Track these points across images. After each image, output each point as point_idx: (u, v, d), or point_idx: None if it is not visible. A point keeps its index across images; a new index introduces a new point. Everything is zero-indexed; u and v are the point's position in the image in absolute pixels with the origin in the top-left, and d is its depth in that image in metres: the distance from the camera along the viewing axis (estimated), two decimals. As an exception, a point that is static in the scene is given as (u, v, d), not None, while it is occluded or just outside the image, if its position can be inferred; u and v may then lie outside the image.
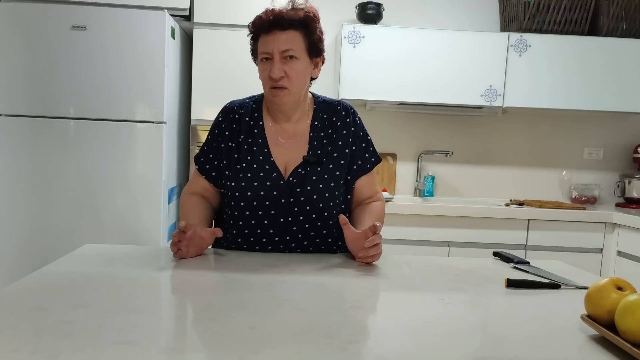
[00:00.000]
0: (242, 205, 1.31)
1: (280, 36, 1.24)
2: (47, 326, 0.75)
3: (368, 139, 1.42)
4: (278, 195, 1.30)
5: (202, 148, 1.41)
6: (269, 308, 0.87)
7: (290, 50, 1.24)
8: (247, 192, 1.30)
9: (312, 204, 1.30)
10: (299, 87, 1.29)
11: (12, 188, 2.38)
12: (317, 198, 1.30)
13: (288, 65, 1.25)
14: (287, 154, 1.33)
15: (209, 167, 1.38)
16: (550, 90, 2.88)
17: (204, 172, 1.39)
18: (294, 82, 1.27)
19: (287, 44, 1.24)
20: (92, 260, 1.15)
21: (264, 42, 1.26)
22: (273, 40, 1.24)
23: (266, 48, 1.25)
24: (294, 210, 1.31)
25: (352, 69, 2.83)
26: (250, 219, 1.31)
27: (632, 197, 3.05)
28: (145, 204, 2.42)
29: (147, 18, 2.37)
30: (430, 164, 3.26)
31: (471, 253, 2.66)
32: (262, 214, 1.31)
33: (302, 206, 1.31)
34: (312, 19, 1.28)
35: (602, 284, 0.81)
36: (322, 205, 1.31)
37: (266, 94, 1.33)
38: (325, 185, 1.31)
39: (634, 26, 2.94)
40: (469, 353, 0.72)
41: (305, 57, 1.28)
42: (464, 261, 1.32)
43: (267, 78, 1.27)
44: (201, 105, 2.68)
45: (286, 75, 1.25)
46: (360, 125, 1.41)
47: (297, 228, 1.32)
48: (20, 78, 2.36)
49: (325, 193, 1.31)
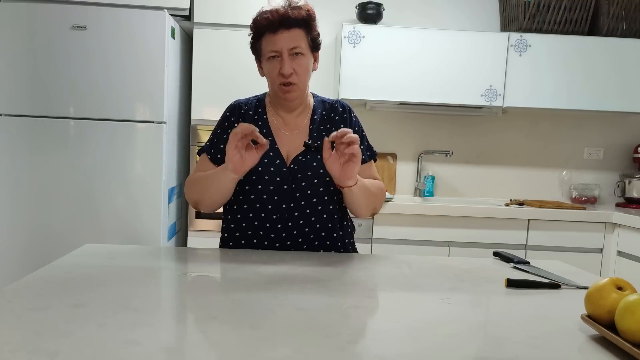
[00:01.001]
0: (247, 189, 1.35)
1: (287, 35, 1.31)
2: (47, 326, 0.75)
3: (363, 134, 1.48)
4: (281, 182, 1.35)
5: (210, 141, 1.44)
6: (269, 307, 0.87)
7: (297, 48, 1.32)
8: (251, 176, 1.34)
9: (313, 189, 1.35)
10: (305, 82, 1.37)
11: (12, 188, 2.38)
12: (318, 183, 1.35)
13: (295, 61, 1.32)
14: (289, 144, 1.39)
15: (221, 157, 1.39)
16: (550, 90, 2.88)
17: (217, 162, 1.41)
18: (301, 78, 1.34)
19: (294, 42, 1.31)
20: (92, 260, 1.15)
21: (271, 42, 1.32)
22: (281, 39, 1.30)
23: (274, 47, 1.31)
24: (295, 195, 1.35)
25: (352, 69, 2.83)
26: (254, 203, 1.35)
27: (632, 197, 3.05)
28: (145, 203, 2.42)
29: (147, 18, 2.37)
30: (430, 164, 3.26)
31: (471, 253, 2.66)
32: (266, 199, 1.35)
33: (304, 191, 1.35)
34: (312, 17, 1.36)
35: (602, 284, 0.81)
36: (322, 190, 1.36)
37: (275, 91, 1.38)
38: (325, 171, 1.34)
39: (634, 26, 2.94)
40: (469, 353, 0.72)
41: (309, 52, 1.36)
42: (464, 261, 1.33)
43: (276, 75, 1.33)
44: (201, 105, 2.68)
45: (294, 72, 1.32)
46: (356, 121, 1.48)
47: (299, 213, 1.35)
48: (20, 78, 2.36)
49: (325, 177, 1.35)
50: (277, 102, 1.42)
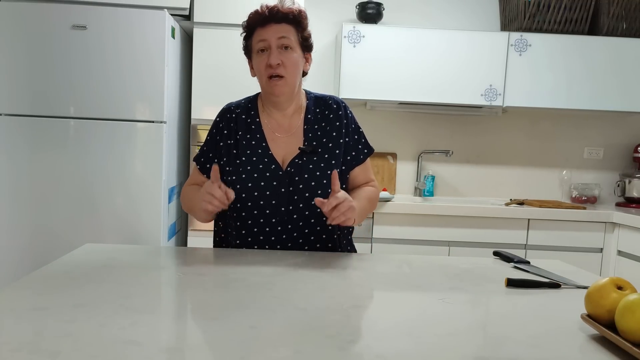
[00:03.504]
0: (244, 197, 1.34)
1: (275, 27, 1.32)
2: (47, 326, 0.75)
3: (360, 131, 1.47)
4: (278, 185, 1.34)
5: (201, 149, 1.46)
6: (269, 307, 0.87)
7: (285, 39, 1.32)
8: (248, 183, 1.34)
9: (311, 191, 1.34)
10: (294, 77, 1.35)
11: (12, 187, 2.38)
12: (315, 185, 1.35)
13: (284, 55, 1.32)
14: (284, 147, 1.39)
15: (210, 167, 1.40)
16: (550, 89, 2.88)
17: (205, 171, 1.43)
18: (289, 71, 1.33)
19: (282, 32, 1.32)
20: (92, 260, 1.15)
21: (260, 34, 1.33)
22: (269, 30, 1.32)
23: (262, 37, 1.32)
24: (293, 198, 1.34)
25: (352, 68, 2.83)
26: (252, 210, 1.35)
27: (632, 197, 3.05)
28: (145, 203, 2.42)
29: (147, 17, 2.37)
30: (431, 164, 3.26)
31: (471, 253, 2.66)
32: (264, 204, 1.34)
33: (302, 194, 1.34)
34: (303, 17, 1.37)
35: (602, 283, 0.81)
36: (320, 192, 1.35)
37: (263, 86, 1.37)
38: (322, 173, 1.35)
39: (634, 25, 2.94)
40: (469, 353, 0.72)
41: (299, 49, 1.36)
42: (464, 261, 1.33)
43: (264, 67, 1.33)
44: (201, 104, 2.68)
45: (282, 64, 1.32)
46: (352, 118, 1.47)
47: (298, 216, 1.35)
48: (21, 78, 2.36)
49: (322, 180, 1.35)
50: (267, 100, 1.41)
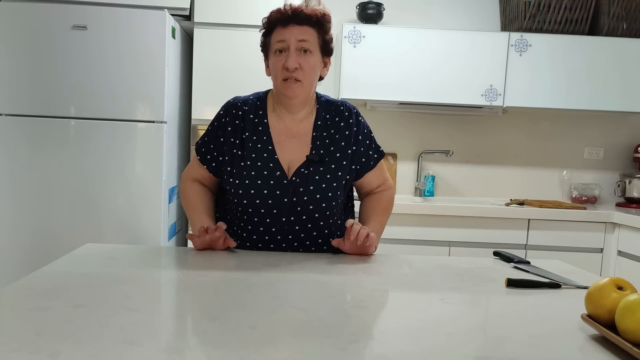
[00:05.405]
0: (245, 203, 1.31)
1: (297, 29, 1.26)
2: (47, 326, 0.75)
3: (371, 136, 1.43)
4: (281, 195, 1.30)
5: (202, 138, 1.40)
6: (270, 307, 0.87)
7: (305, 42, 1.27)
8: (250, 190, 1.30)
9: (315, 203, 1.31)
10: (311, 82, 1.31)
11: (12, 188, 2.38)
12: (320, 198, 1.31)
13: (302, 58, 1.27)
14: (290, 153, 1.33)
15: (210, 158, 1.38)
16: (550, 89, 2.88)
17: (205, 162, 1.39)
18: (306, 75, 1.28)
19: (303, 35, 1.27)
20: (93, 260, 1.15)
21: (279, 33, 1.27)
22: (290, 31, 1.26)
23: (282, 37, 1.26)
24: (296, 209, 1.31)
25: (352, 68, 2.83)
26: (253, 217, 1.32)
27: (632, 197, 3.05)
28: (146, 203, 2.42)
29: (148, 17, 2.37)
30: (431, 164, 3.26)
31: (471, 253, 2.66)
32: (265, 212, 1.31)
33: (305, 205, 1.31)
34: (327, 20, 1.32)
35: (603, 283, 0.81)
36: (324, 205, 1.32)
37: (277, 87, 1.32)
38: (327, 185, 1.31)
39: (635, 26, 2.94)
40: (469, 353, 0.72)
41: (318, 53, 1.31)
42: (464, 261, 1.32)
43: (280, 69, 1.27)
44: (201, 104, 2.68)
45: (300, 68, 1.26)
46: (363, 124, 1.41)
47: (300, 227, 1.33)
48: (21, 78, 2.36)
49: (327, 193, 1.32)
50: (279, 101, 1.35)
